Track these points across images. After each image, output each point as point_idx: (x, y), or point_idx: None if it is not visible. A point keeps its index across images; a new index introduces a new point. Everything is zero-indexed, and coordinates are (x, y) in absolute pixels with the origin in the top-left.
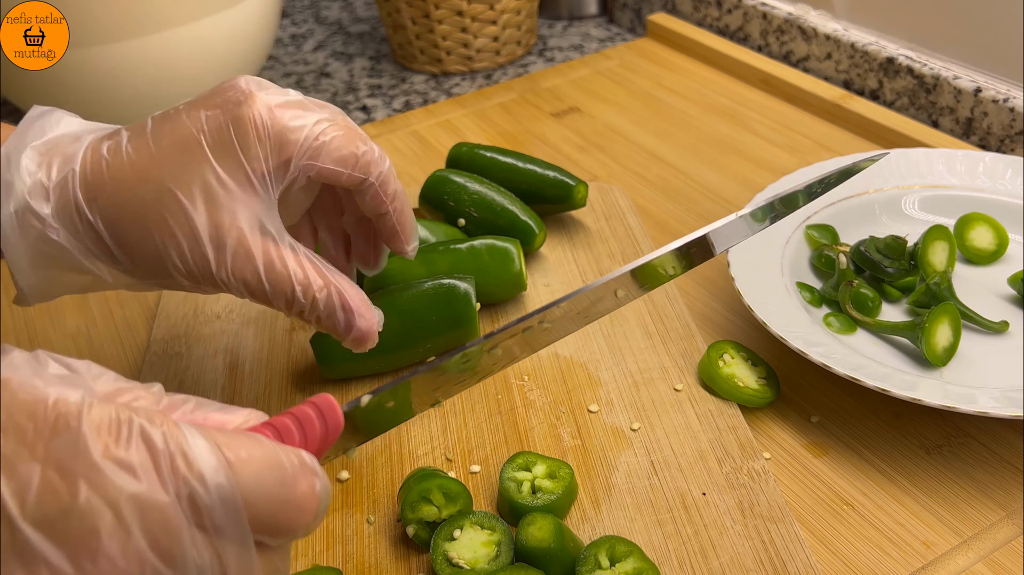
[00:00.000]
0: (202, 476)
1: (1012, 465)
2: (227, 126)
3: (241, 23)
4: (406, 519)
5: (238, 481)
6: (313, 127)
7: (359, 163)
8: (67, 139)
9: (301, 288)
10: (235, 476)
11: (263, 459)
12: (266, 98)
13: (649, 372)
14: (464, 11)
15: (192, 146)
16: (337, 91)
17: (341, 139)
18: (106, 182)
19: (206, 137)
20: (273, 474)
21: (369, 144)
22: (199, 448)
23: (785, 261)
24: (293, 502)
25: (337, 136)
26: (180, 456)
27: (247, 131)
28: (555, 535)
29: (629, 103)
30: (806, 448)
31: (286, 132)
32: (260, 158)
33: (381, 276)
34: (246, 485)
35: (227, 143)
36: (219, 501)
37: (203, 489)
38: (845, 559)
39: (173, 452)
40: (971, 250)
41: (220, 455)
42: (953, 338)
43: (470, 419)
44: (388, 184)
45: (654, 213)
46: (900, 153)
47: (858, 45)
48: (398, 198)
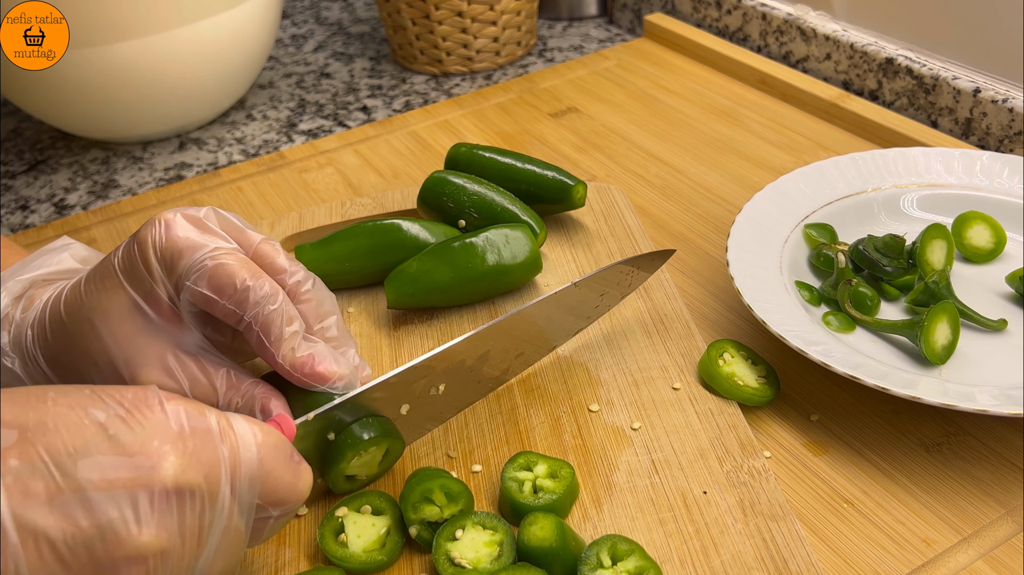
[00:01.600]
0: (237, 443)
1: (1011, 463)
2: (133, 249)
3: (241, 24)
4: (408, 519)
5: (263, 445)
6: (206, 251)
7: (235, 296)
8: (47, 278)
9: (224, 401)
10: (261, 441)
11: (280, 441)
12: (172, 219)
13: (649, 371)
14: (464, 12)
15: (108, 274)
16: (337, 92)
17: (227, 267)
18: (48, 320)
19: (119, 263)
20: (284, 449)
21: (260, 282)
22: (239, 423)
23: (784, 260)
24: (295, 478)
25: (224, 264)
26: (227, 426)
27: (147, 252)
28: (557, 534)
29: (627, 103)
30: (806, 446)
31: (178, 252)
32: (160, 279)
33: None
34: (267, 450)
35: (135, 266)
36: (246, 466)
37: (237, 453)
38: (846, 557)
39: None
40: (969, 248)
41: (253, 428)
42: (952, 336)
43: (471, 419)
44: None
45: (653, 213)
46: (898, 152)
47: (857, 46)
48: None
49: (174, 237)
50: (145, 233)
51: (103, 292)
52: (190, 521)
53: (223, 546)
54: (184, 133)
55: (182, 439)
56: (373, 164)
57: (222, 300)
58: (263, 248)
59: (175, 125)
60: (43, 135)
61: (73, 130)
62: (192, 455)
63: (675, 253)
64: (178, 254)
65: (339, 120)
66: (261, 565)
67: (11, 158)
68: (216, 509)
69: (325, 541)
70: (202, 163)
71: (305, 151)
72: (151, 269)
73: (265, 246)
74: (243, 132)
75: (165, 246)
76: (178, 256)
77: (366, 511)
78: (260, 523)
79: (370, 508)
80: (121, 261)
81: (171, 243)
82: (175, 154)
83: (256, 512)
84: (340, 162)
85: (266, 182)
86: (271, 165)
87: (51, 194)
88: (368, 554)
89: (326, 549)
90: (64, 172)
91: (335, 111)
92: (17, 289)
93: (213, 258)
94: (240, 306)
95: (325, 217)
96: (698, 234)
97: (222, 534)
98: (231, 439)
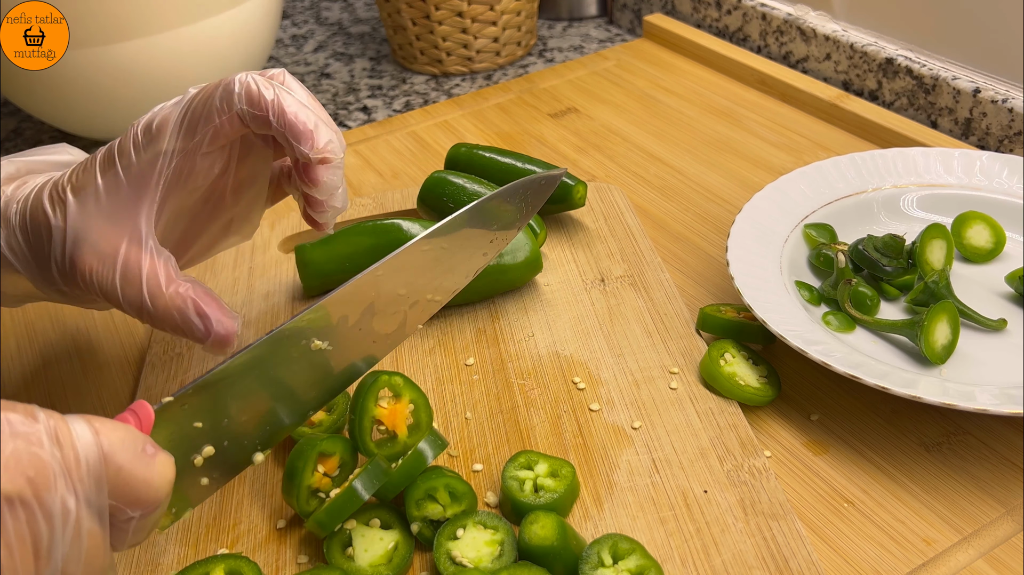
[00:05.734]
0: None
1: (1011, 462)
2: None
3: (242, 24)
4: (411, 516)
5: (106, 443)
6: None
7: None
8: (50, 166)
9: (150, 297)
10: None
11: (127, 435)
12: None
13: (650, 371)
14: (464, 12)
15: (86, 160)
16: (337, 92)
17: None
18: (33, 196)
19: (101, 154)
20: (135, 443)
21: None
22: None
23: (784, 260)
24: (149, 473)
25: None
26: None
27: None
28: (558, 533)
29: (627, 103)
30: (806, 446)
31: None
32: (137, 147)
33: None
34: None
35: (110, 152)
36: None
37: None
38: (846, 556)
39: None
40: (969, 248)
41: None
42: (952, 336)
43: (472, 418)
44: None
45: (652, 213)
46: (898, 152)
47: (857, 46)
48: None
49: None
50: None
51: (89, 172)
52: (16, 530)
53: (75, 554)
54: None
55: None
56: (373, 164)
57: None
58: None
59: None
60: (43, 135)
61: (73, 130)
62: (12, 461)
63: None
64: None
65: (339, 120)
66: (263, 563)
67: None
68: (51, 516)
69: (332, 553)
70: None
71: None
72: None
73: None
74: None
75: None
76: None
77: (375, 525)
78: (122, 525)
79: (379, 522)
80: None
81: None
82: None
83: (114, 514)
84: None
85: None
86: None
87: None
88: (374, 569)
89: (332, 561)
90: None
91: (335, 111)
92: (10, 170)
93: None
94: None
95: None
96: (698, 234)
97: (72, 542)
98: (66, 439)
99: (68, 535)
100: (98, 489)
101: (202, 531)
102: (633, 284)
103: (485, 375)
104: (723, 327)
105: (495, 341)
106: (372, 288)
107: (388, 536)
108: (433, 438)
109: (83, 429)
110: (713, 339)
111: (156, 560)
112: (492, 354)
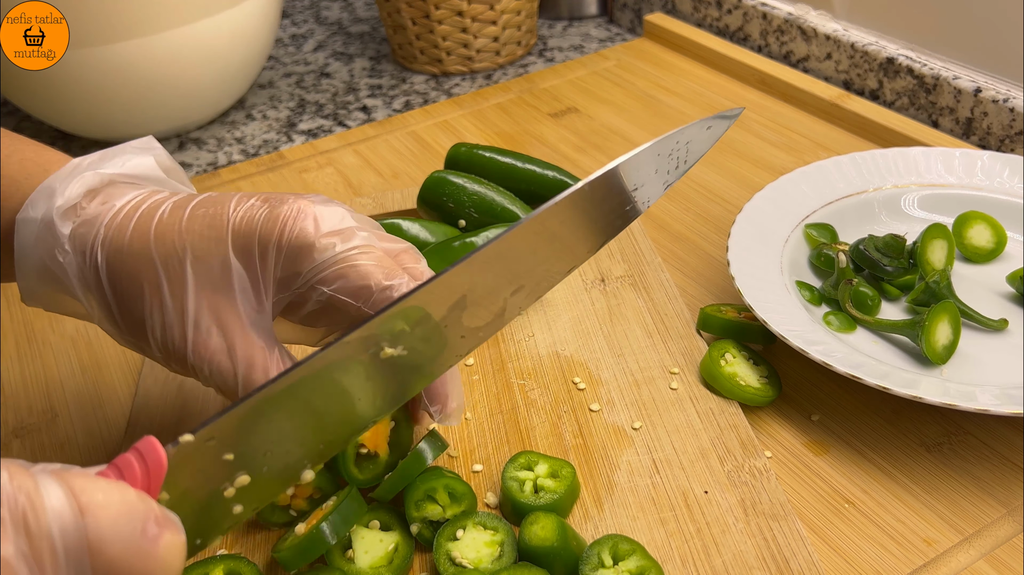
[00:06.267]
0: (50, 531)
1: (1012, 462)
2: (259, 218)
3: (241, 24)
4: (410, 517)
5: (93, 527)
6: (340, 250)
7: (372, 299)
8: (128, 179)
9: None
10: (89, 522)
11: (122, 511)
12: (313, 210)
13: (650, 371)
14: (464, 11)
15: (217, 224)
16: (337, 91)
17: (362, 269)
18: (127, 231)
19: (235, 222)
20: (132, 522)
21: (396, 281)
22: (52, 495)
23: (784, 260)
24: (150, 565)
25: (361, 265)
26: (29, 507)
27: (272, 230)
28: (558, 534)
29: (627, 103)
30: (807, 446)
31: (308, 246)
32: (272, 261)
33: None
34: (100, 531)
35: (251, 233)
36: (64, 561)
37: (48, 545)
38: (847, 556)
39: (23, 503)
40: (970, 248)
41: (74, 502)
42: (952, 336)
43: (472, 418)
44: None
45: (653, 213)
46: (898, 152)
47: (858, 45)
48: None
49: (307, 229)
50: (279, 212)
51: (204, 239)
52: None
53: None
54: (184, 133)
55: None
56: (373, 164)
57: (357, 303)
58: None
59: (175, 125)
60: (43, 135)
61: (73, 130)
62: None
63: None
64: (306, 246)
65: (339, 120)
66: (262, 564)
67: None
68: None
69: (332, 556)
70: (202, 163)
71: (305, 151)
72: (267, 250)
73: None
74: (243, 132)
75: (297, 236)
76: (306, 249)
77: (374, 526)
78: None
79: (378, 523)
80: (238, 223)
81: (303, 234)
82: (175, 154)
83: None
84: (340, 162)
85: (266, 182)
86: (271, 165)
87: None
88: (375, 570)
89: (333, 564)
90: None
91: (335, 111)
92: (94, 182)
93: (349, 259)
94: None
95: None
96: (698, 234)
97: None
98: (38, 523)
99: None
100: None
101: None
102: (633, 284)
103: (485, 375)
104: (724, 327)
105: (495, 341)
106: (467, 280)
107: (388, 537)
108: (433, 439)
109: (61, 502)
110: (713, 339)
111: None
112: (492, 354)
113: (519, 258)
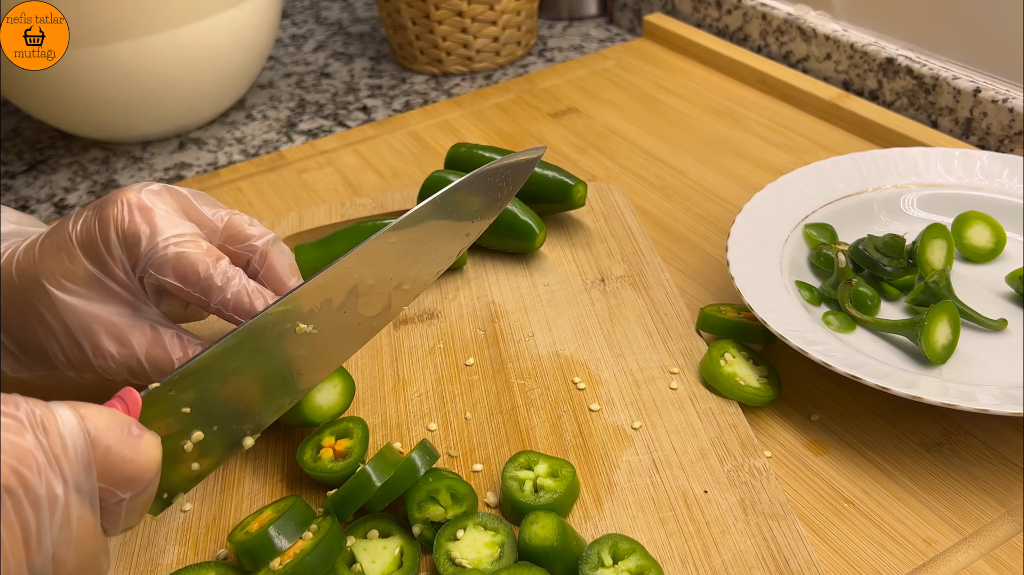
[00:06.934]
0: (60, 430)
1: (1012, 462)
2: (94, 224)
3: (242, 24)
4: (412, 518)
5: (92, 428)
6: (166, 238)
7: (199, 284)
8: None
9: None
10: (89, 425)
11: (113, 418)
12: (138, 199)
13: (650, 371)
14: (464, 12)
15: (64, 244)
16: (337, 91)
17: (188, 256)
18: (2, 283)
19: (76, 235)
20: (120, 426)
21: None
22: (60, 409)
23: (784, 260)
24: (136, 453)
25: (185, 253)
26: (43, 414)
27: (108, 230)
28: (558, 534)
29: (627, 103)
30: (807, 446)
31: (137, 236)
32: (119, 258)
33: None
34: (98, 430)
35: (94, 243)
36: (74, 451)
37: (59, 440)
38: (846, 556)
39: (40, 413)
40: (969, 248)
41: (77, 413)
42: (952, 336)
43: (472, 418)
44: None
45: (652, 213)
46: (898, 152)
47: (857, 45)
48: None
49: (136, 220)
50: (108, 212)
51: (58, 261)
52: (4, 519)
53: (66, 539)
54: (184, 133)
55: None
56: (373, 164)
57: (186, 288)
58: (234, 220)
59: (175, 125)
60: (43, 135)
61: (73, 130)
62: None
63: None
64: (137, 238)
65: (339, 120)
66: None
67: (11, 158)
68: (39, 504)
69: (338, 571)
70: (202, 163)
71: (305, 151)
72: (111, 248)
73: (235, 218)
74: (243, 132)
75: (127, 228)
76: (137, 240)
77: (373, 536)
78: (113, 508)
79: (376, 532)
80: (80, 235)
81: (132, 227)
82: (175, 154)
83: (104, 497)
84: (340, 162)
85: (266, 182)
86: (271, 165)
87: (51, 194)
88: None
89: None
90: (64, 172)
91: (335, 111)
92: None
93: (176, 245)
94: (206, 293)
95: (325, 217)
96: (698, 234)
97: (62, 527)
98: (52, 426)
99: (57, 521)
100: (87, 473)
101: (202, 531)
102: (633, 284)
103: (485, 375)
104: (723, 327)
105: (495, 341)
106: (354, 272)
107: (391, 543)
108: (424, 450)
109: (68, 415)
110: (713, 339)
111: (156, 560)
112: (492, 354)
113: (384, 264)
